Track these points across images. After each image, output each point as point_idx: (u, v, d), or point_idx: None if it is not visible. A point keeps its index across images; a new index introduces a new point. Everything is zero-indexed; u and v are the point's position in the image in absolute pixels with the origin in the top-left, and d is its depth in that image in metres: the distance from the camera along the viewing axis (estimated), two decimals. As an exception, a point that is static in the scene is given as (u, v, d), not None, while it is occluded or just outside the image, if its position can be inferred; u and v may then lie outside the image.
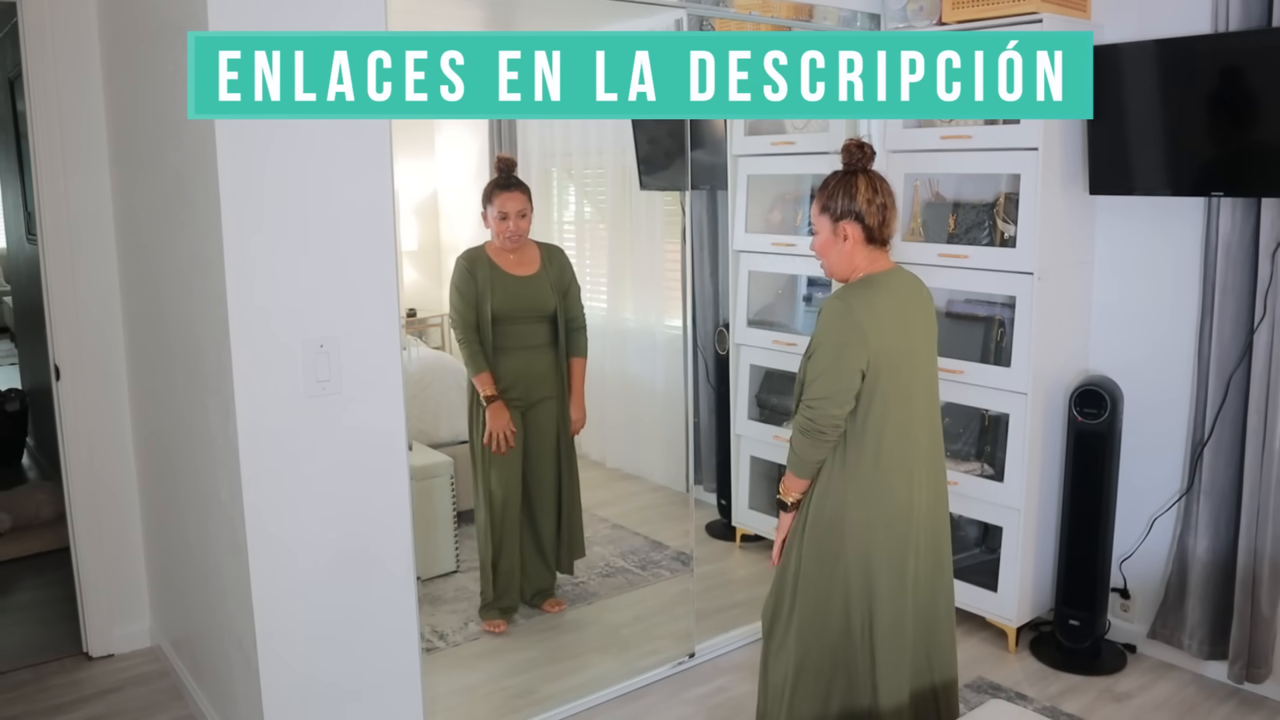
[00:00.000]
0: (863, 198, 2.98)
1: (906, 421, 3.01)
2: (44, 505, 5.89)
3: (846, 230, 3.01)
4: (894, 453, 2.99)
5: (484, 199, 4.48)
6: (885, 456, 2.98)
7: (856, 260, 3.04)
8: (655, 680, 4.17)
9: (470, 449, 4.61)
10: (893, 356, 2.95)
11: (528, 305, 4.48)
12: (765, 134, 5.39)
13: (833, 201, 3.03)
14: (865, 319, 2.91)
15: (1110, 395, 4.14)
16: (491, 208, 4.44)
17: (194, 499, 3.64)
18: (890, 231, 3.04)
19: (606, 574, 5.19)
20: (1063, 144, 4.14)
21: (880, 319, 2.94)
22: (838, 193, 3.02)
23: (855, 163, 3.04)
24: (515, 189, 4.45)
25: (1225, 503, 4.02)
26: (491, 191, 4.45)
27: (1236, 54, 3.74)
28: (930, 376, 3.13)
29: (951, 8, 4.27)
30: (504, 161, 4.54)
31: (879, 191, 3.00)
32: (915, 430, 3.04)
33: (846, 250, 3.04)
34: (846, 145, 3.05)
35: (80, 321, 4.31)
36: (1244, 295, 3.89)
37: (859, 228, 3.00)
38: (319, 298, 3.07)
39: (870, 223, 2.99)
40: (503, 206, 4.42)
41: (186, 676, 4.06)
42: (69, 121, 4.19)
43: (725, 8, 4.12)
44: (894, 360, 2.96)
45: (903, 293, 3.06)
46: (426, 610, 4.69)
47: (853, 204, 2.99)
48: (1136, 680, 4.16)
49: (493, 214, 4.44)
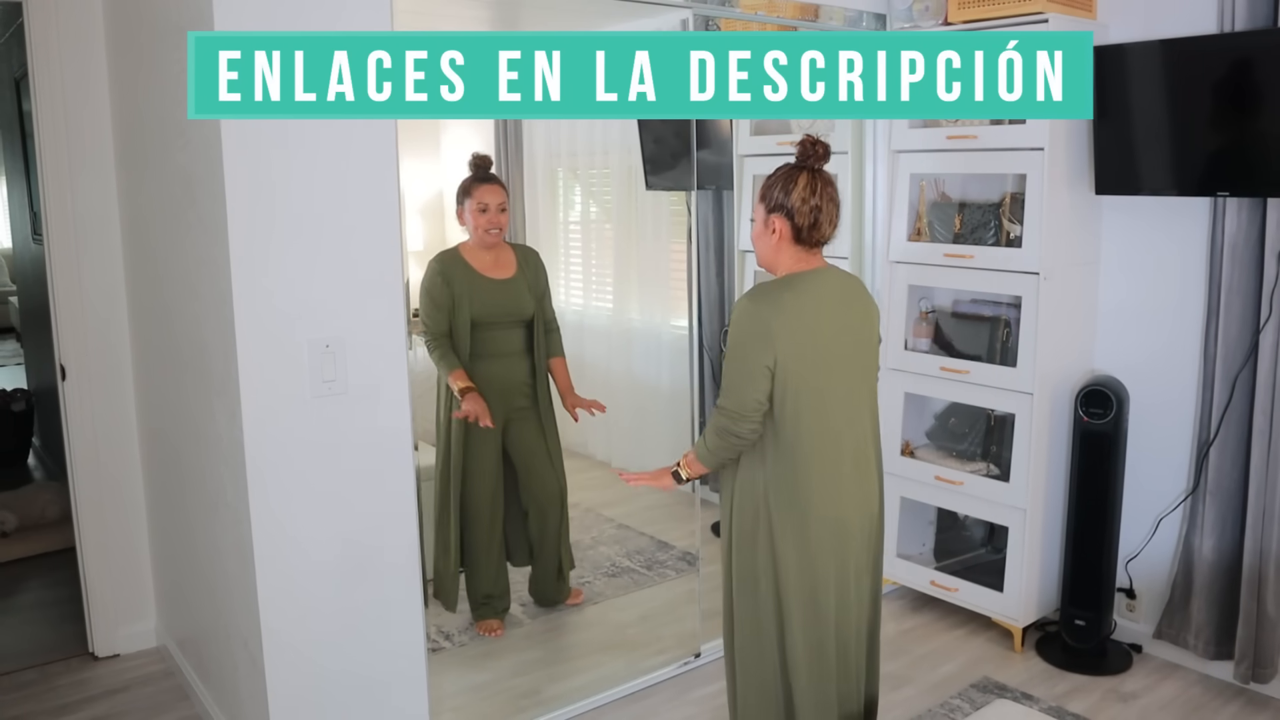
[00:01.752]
0: (798, 195, 2.92)
1: (824, 427, 2.91)
2: (50, 505, 5.90)
3: (776, 224, 2.96)
4: (810, 460, 2.90)
5: (460, 194, 4.40)
6: (802, 463, 2.90)
7: (782, 256, 2.99)
8: (661, 680, 4.17)
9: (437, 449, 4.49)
10: (805, 358, 2.86)
11: (506, 310, 4.39)
12: (771, 134, 5.39)
13: (770, 192, 2.97)
14: (772, 320, 2.84)
15: (1116, 395, 4.13)
16: (470, 201, 4.35)
17: (200, 499, 3.64)
18: (820, 235, 2.96)
19: (612, 574, 5.19)
20: (1069, 144, 4.14)
21: (790, 319, 2.86)
22: (776, 185, 2.97)
23: (805, 159, 2.97)
24: (494, 182, 4.37)
25: (1231, 503, 4.01)
26: (470, 185, 4.38)
27: (1242, 54, 3.73)
28: (857, 380, 3.02)
29: (957, 8, 4.27)
30: (480, 158, 4.45)
31: (816, 193, 2.92)
32: (837, 436, 2.94)
33: (773, 244, 2.98)
34: (803, 140, 2.97)
35: (86, 322, 4.31)
36: (1250, 295, 3.89)
37: (788, 225, 2.94)
38: (325, 298, 3.07)
39: (799, 222, 2.92)
40: (482, 198, 4.33)
41: (192, 676, 4.07)
42: (75, 121, 4.20)
43: (731, 8, 4.12)
44: (807, 362, 2.87)
45: (826, 293, 2.95)
46: (432, 610, 4.69)
47: (787, 199, 2.93)
48: (1142, 680, 4.16)
49: (471, 207, 4.34)
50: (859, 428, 3.01)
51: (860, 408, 3.02)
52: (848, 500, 2.97)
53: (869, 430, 3.07)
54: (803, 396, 2.87)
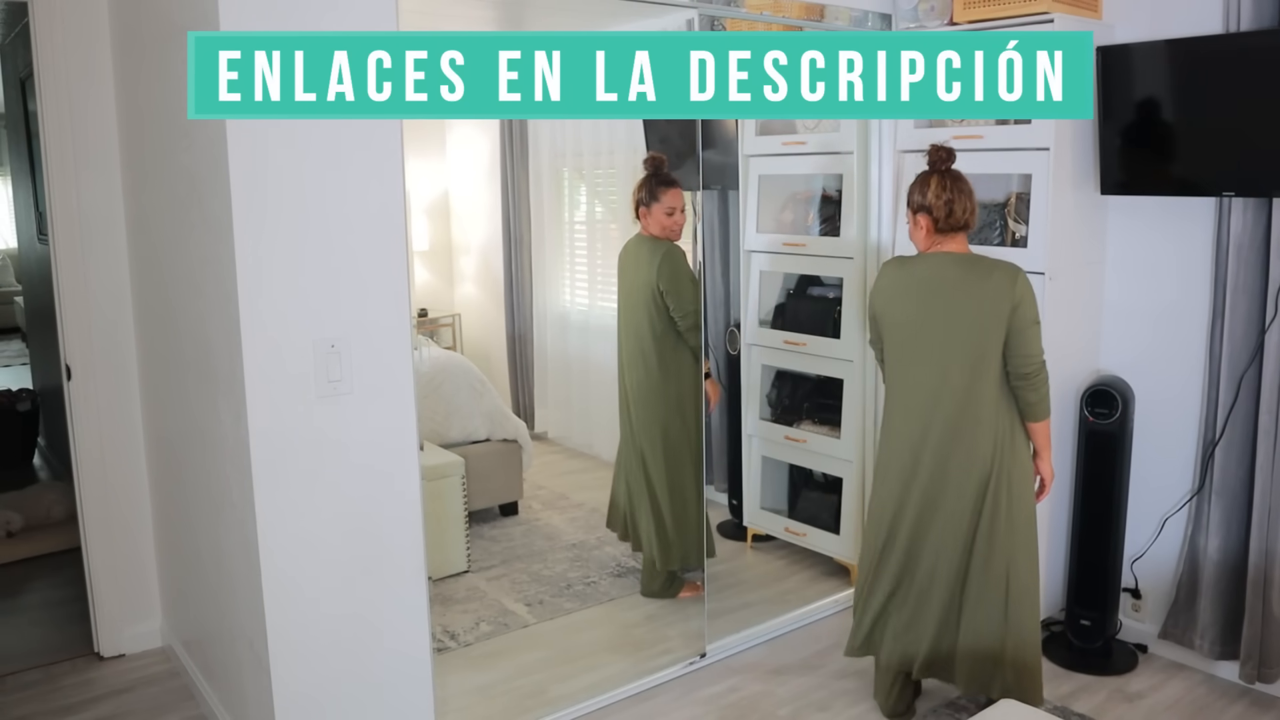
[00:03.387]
0: (932, 194, 3.56)
1: (910, 386, 3.64)
2: (55, 505, 5.92)
3: (920, 220, 3.61)
4: (893, 415, 3.71)
5: (648, 196, 4.68)
6: (891, 416, 3.72)
7: (926, 244, 3.64)
8: (667, 680, 4.17)
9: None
10: (897, 324, 3.65)
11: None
12: (777, 134, 5.39)
13: (912, 196, 3.63)
14: (875, 290, 3.74)
15: (1121, 395, 4.13)
16: (659, 205, 4.65)
17: (205, 499, 3.65)
18: (956, 220, 3.57)
19: (618, 574, 5.19)
20: (1074, 144, 4.13)
21: (887, 291, 3.69)
22: (915, 190, 3.62)
23: (935, 164, 3.60)
24: (676, 185, 4.69)
25: (1237, 503, 4.01)
26: (656, 189, 4.67)
27: (1248, 54, 3.73)
28: (948, 349, 3.55)
29: (963, 8, 4.27)
30: (658, 160, 4.73)
31: (947, 189, 3.55)
32: (919, 397, 3.62)
33: (921, 236, 3.64)
34: (932, 147, 3.61)
35: (91, 322, 4.32)
36: (1255, 295, 3.88)
37: (929, 218, 3.58)
38: (330, 298, 3.07)
39: (936, 215, 3.56)
40: (671, 202, 4.66)
41: (198, 676, 4.07)
42: (80, 121, 4.20)
43: (737, 8, 4.12)
44: (898, 327, 3.64)
45: (934, 271, 3.59)
46: (438, 610, 4.70)
47: (924, 199, 3.58)
48: (1148, 680, 4.15)
49: (660, 210, 4.66)
50: (945, 390, 3.58)
51: (949, 371, 3.57)
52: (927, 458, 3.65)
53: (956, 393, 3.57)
54: (895, 357, 3.72)
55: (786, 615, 4.65)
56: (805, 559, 5.28)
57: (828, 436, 5.08)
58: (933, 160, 3.60)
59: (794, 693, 4.07)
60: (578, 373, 7.03)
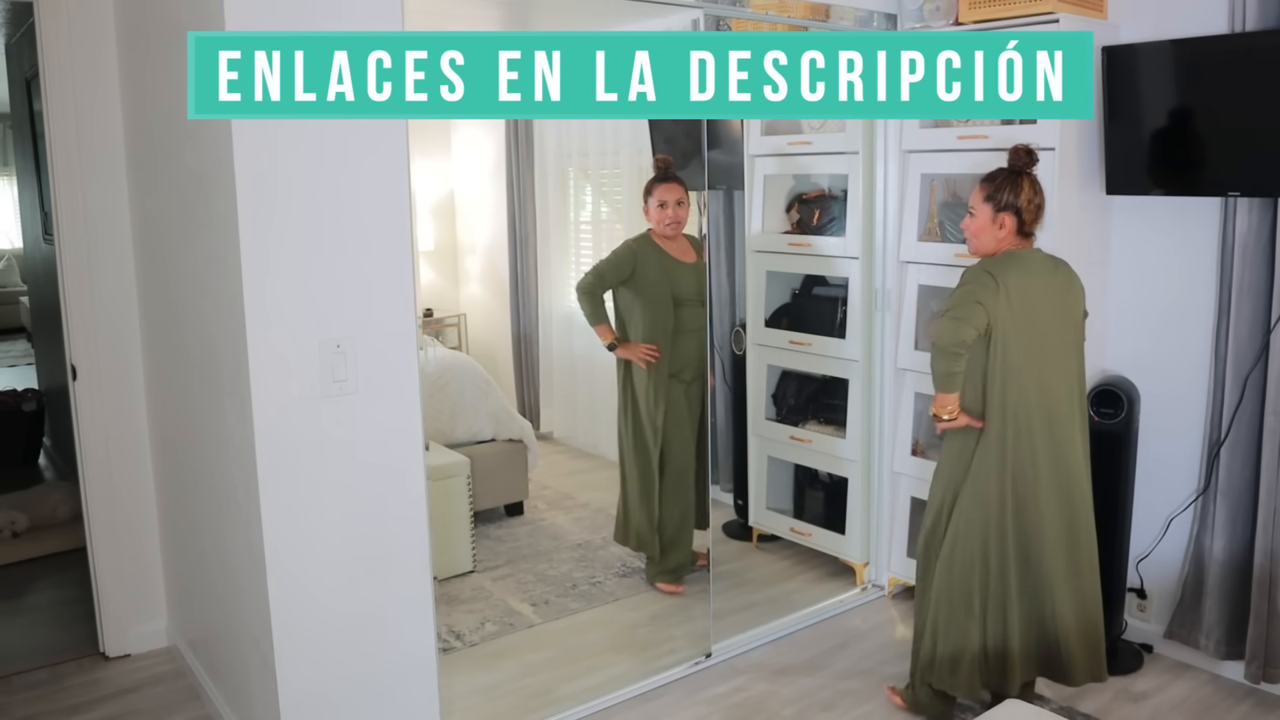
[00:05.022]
0: (1025, 197, 3.51)
1: (1022, 386, 3.51)
2: (60, 505, 5.92)
3: (1004, 220, 3.54)
4: (1015, 415, 3.54)
5: (645, 193, 4.89)
6: (1015, 417, 3.54)
7: (1004, 245, 3.58)
8: (672, 680, 4.16)
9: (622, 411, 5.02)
10: (1016, 322, 3.48)
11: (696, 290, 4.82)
12: (782, 134, 5.39)
13: (999, 194, 3.54)
14: (996, 291, 3.46)
15: (1127, 395, 4.12)
16: (652, 199, 4.84)
17: (210, 499, 3.65)
18: (1039, 226, 3.60)
19: (623, 574, 5.19)
20: (1079, 144, 4.13)
21: (1015, 292, 3.48)
22: (1005, 189, 3.53)
23: (1023, 166, 3.54)
24: (672, 180, 4.84)
25: (1242, 503, 4.00)
26: (651, 185, 4.87)
27: (1254, 54, 3.72)
28: (1056, 346, 3.56)
29: (968, 8, 4.26)
30: (663, 160, 4.91)
31: (1037, 193, 3.54)
32: (1030, 395, 3.52)
33: (1000, 236, 3.57)
34: (1016, 149, 3.56)
35: (97, 321, 4.32)
36: (1261, 295, 3.88)
37: (1015, 219, 3.53)
38: (336, 298, 3.07)
39: (1026, 218, 3.54)
40: (662, 196, 4.81)
41: (203, 676, 4.08)
42: (85, 121, 4.21)
43: (742, 8, 4.12)
44: (1014, 326, 3.47)
45: (1039, 270, 3.57)
46: (443, 610, 4.70)
47: (1016, 200, 3.51)
48: (1153, 680, 4.14)
49: (653, 204, 4.84)
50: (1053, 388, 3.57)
51: (1056, 368, 3.58)
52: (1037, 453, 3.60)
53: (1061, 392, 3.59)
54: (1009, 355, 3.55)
55: (792, 615, 4.65)
56: (810, 559, 5.28)
57: (833, 437, 5.08)
58: (1016, 162, 3.56)
59: (799, 693, 4.06)
60: (583, 373, 7.03)
